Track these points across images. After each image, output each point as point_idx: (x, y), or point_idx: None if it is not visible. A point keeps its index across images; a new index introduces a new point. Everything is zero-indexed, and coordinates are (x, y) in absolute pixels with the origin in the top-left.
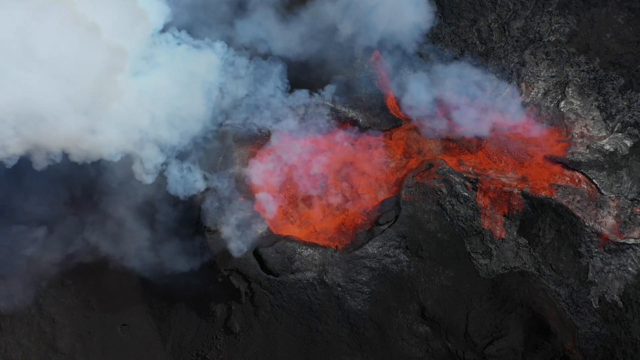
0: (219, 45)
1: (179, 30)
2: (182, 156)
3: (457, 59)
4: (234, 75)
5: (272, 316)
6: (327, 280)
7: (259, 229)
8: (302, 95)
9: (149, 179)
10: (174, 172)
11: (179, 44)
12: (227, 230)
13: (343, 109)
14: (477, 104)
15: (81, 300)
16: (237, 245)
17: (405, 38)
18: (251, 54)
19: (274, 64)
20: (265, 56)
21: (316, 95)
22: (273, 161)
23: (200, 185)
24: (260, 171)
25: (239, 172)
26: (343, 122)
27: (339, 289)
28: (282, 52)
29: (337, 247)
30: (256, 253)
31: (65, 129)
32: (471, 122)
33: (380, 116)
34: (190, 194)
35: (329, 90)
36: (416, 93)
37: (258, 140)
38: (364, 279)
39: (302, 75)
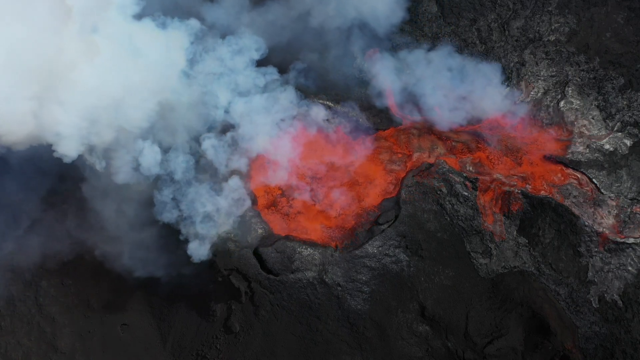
0: (188, 24)
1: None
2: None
3: (433, 48)
4: (205, 52)
5: (272, 315)
6: (327, 279)
7: (227, 226)
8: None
9: (100, 165)
10: (124, 156)
11: (138, 20)
12: (188, 229)
13: (342, 108)
14: (455, 91)
15: (81, 300)
16: (198, 249)
17: (380, 27)
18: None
19: (250, 39)
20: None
21: (313, 93)
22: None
23: (153, 169)
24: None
25: (207, 155)
26: (342, 121)
27: (339, 288)
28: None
29: (336, 246)
30: (256, 252)
31: (18, 122)
32: (448, 110)
33: (380, 115)
34: (141, 181)
35: (326, 88)
36: (385, 80)
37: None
38: (363, 278)
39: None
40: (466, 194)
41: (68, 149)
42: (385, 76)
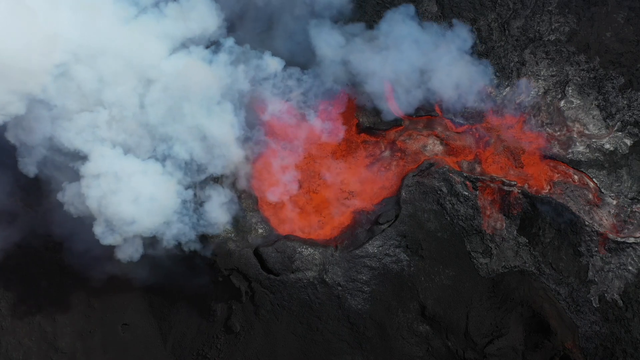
0: None
1: None
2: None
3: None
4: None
5: (273, 315)
6: (327, 279)
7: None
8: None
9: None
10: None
11: None
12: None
13: (342, 108)
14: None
15: (81, 299)
16: (127, 249)
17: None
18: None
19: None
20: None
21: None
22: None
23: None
24: None
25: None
26: (342, 120)
27: (339, 288)
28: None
29: (337, 246)
30: (256, 252)
31: None
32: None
33: (379, 115)
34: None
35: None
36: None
37: None
38: (364, 278)
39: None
40: (466, 193)
41: None
42: (385, 75)
